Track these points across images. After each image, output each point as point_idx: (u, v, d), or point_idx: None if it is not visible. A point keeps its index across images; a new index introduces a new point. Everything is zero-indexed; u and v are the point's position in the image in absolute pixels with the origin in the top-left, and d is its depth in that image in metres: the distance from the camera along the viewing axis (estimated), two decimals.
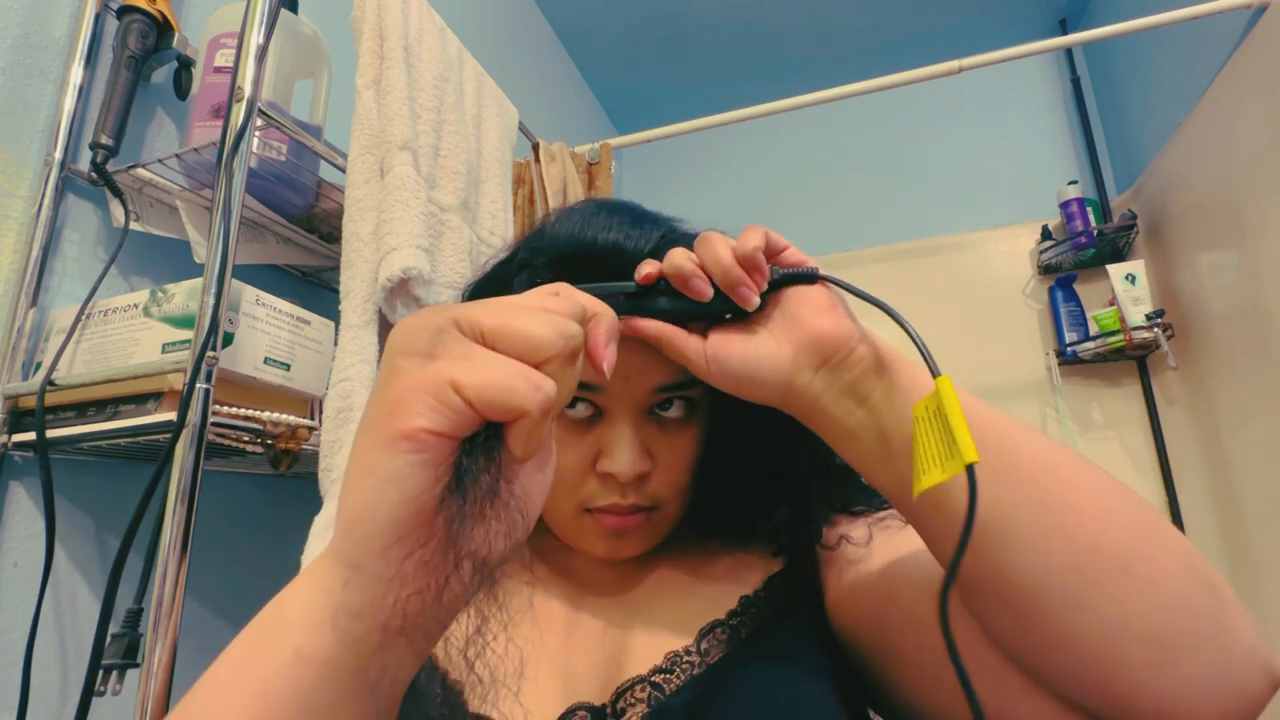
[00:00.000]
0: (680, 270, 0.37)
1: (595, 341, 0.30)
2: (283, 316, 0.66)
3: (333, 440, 0.63)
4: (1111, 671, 0.29)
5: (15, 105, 0.66)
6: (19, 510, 0.63)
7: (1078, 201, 1.70)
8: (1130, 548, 0.29)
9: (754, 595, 0.46)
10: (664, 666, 0.42)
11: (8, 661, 0.60)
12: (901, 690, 0.43)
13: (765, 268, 0.37)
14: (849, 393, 0.36)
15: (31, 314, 0.65)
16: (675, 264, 0.37)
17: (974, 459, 0.27)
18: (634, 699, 0.41)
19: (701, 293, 0.37)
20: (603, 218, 0.46)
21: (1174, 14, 1.18)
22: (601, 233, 0.44)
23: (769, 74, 2.14)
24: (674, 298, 0.38)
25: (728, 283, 0.36)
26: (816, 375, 0.36)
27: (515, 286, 0.45)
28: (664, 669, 0.42)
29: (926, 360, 0.32)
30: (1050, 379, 1.71)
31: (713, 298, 0.37)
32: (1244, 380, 1.28)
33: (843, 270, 2.16)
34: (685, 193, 2.24)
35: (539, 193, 1.20)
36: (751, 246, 0.36)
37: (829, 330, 0.36)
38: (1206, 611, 0.29)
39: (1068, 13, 1.92)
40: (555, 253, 0.45)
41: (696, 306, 0.38)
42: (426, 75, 0.81)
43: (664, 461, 0.44)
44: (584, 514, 0.44)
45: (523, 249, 0.48)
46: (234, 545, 0.83)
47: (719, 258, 0.36)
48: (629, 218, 0.46)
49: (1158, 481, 1.59)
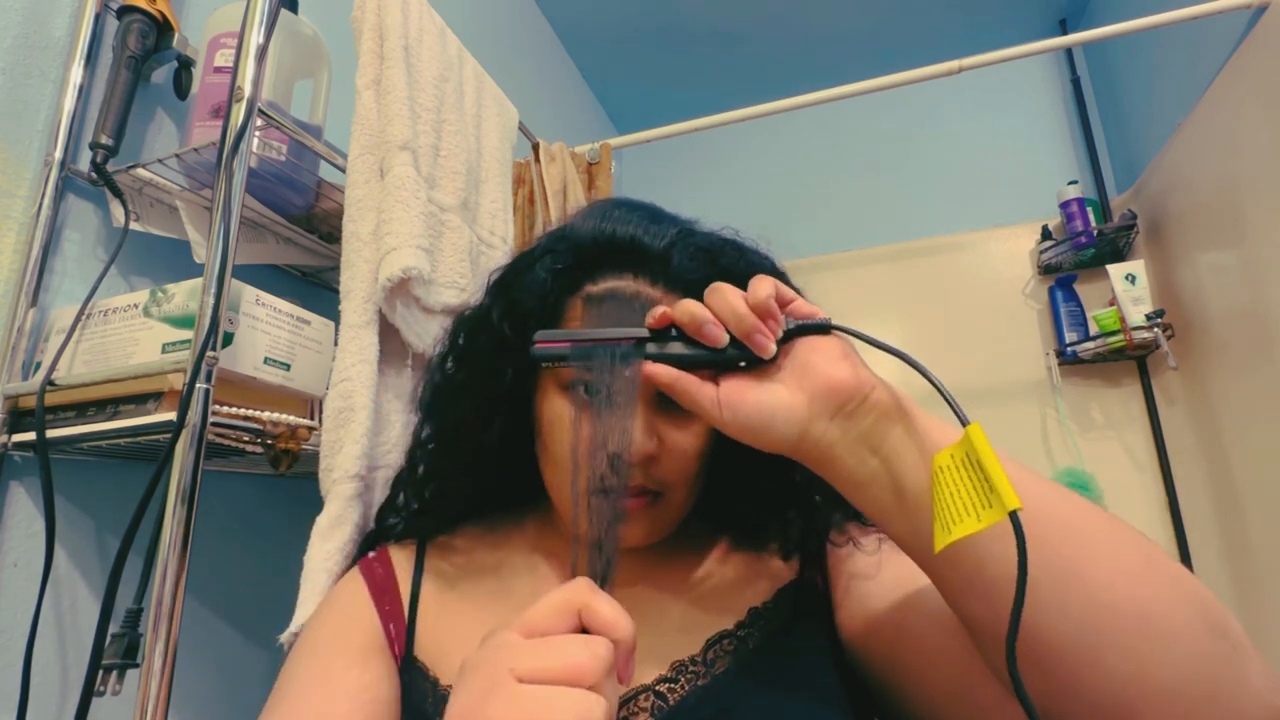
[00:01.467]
0: (695, 317, 0.37)
1: (621, 669, 0.32)
2: (283, 316, 0.66)
3: (333, 440, 0.63)
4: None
5: (15, 105, 0.66)
6: (19, 510, 0.63)
7: (1078, 201, 1.70)
8: (1146, 602, 0.29)
9: (763, 607, 0.47)
10: (669, 676, 0.43)
11: (8, 661, 0.60)
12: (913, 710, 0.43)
13: (780, 315, 0.37)
14: (862, 442, 0.35)
15: (31, 314, 0.65)
16: (689, 311, 0.37)
17: (1017, 505, 0.26)
18: (638, 707, 0.42)
19: (717, 339, 0.37)
20: (622, 213, 0.48)
21: (1174, 14, 1.17)
22: (621, 226, 0.47)
23: (769, 74, 2.14)
24: (688, 343, 0.38)
25: (743, 330, 0.36)
26: (831, 424, 0.36)
27: (538, 271, 0.47)
28: (669, 678, 0.43)
29: (954, 408, 0.31)
30: (1050, 379, 1.71)
31: (727, 345, 0.37)
32: (1244, 380, 1.28)
33: (843, 270, 2.16)
34: (685, 193, 2.24)
35: (539, 193, 1.20)
36: (765, 295, 0.36)
37: (843, 379, 0.35)
38: (1221, 660, 0.29)
39: (1068, 13, 1.92)
40: (578, 243, 0.48)
41: (711, 354, 0.37)
42: (426, 75, 0.81)
43: (671, 447, 0.44)
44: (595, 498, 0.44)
45: (546, 240, 0.50)
46: (234, 545, 0.83)
47: (733, 306, 0.36)
48: (647, 214, 0.49)
49: (1158, 481, 1.59)
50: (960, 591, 0.34)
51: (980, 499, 0.28)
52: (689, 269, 0.46)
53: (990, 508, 0.27)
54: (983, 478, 0.28)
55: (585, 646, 0.29)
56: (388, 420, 0.69)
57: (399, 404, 0.71)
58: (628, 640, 0.31)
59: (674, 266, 0.46)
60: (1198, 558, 1.50)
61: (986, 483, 0.27)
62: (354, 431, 0.63)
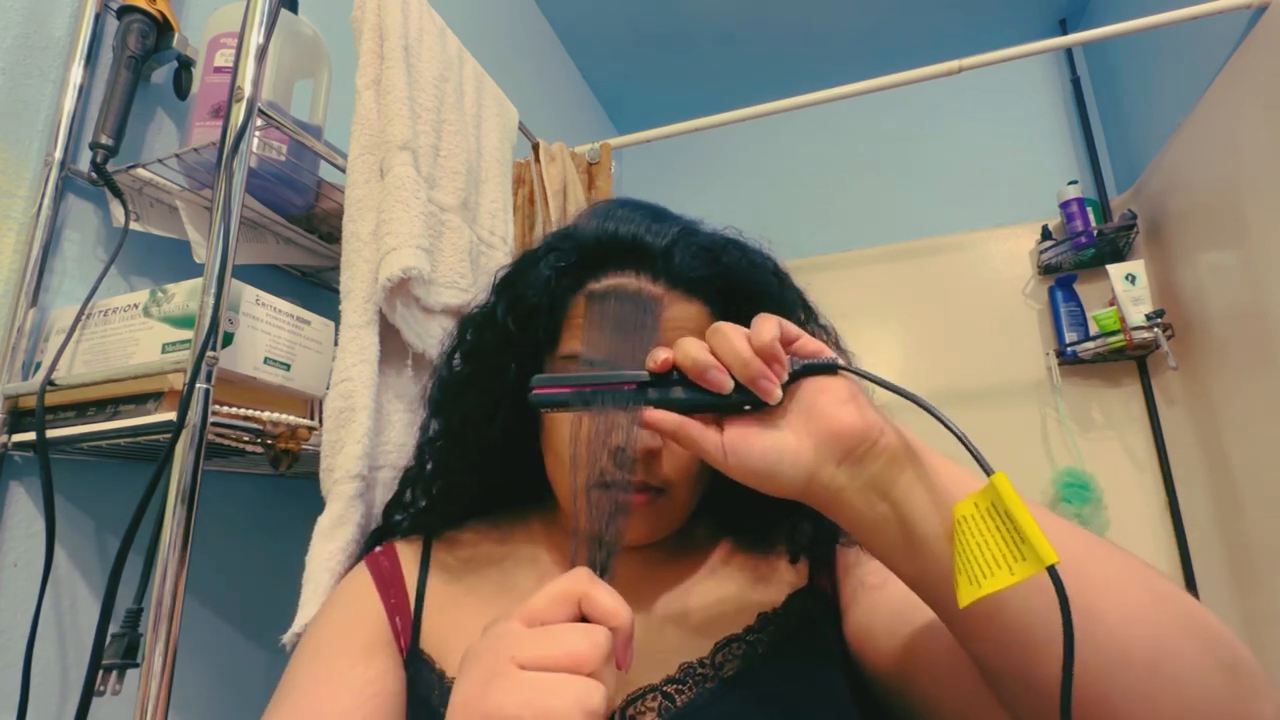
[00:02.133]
0: (696, 362, 0.36)
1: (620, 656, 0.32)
2: (283, 316, 0.66)
3: (334, 440, 0.63)
4: None
5: (15, 105, 0.66)
6: (19, 510, 0.63)
7: (1078, 201, 1.70)
8: (1156, 645, 0.29)
9: (773, 613, 0.47)
10: (677, 677, 0.43)
11: (8, 661, 0.60)
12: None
13: (785, 358, 0.36)
14: (871, 487, 0.35)
15: (31, 314, 0.65)
16: (691, 355, 0.36)
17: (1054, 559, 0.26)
18: (645, 707, 0.42)
19: (721, 385, 0.35)
20: (625, 212, 0.50)
21: (1174, 14, 1.17)
22: (624, 225, 0.48)
23: (769, 74, 2.14)
24: (689, 388, 0.37)
25: (748, 375, 0.35)
26: (839, 470, 0.35)
27: (542, 269, 0.48)
28: (677, 679, 0.43)
29: (977, 458, 0.31)
30: (1050, 379, 1.71)
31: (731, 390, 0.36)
32: (1244, 380, 1.28)
33: (843, 270, 2.15)
34: (686, 193, 2.24)
35: (539, 193, 1.20)
36: (769, 337, 0.35)
37: (851, 423, 0.34)
38: (1231, 698, 0.29)
39: (1068, 13, 1.92)
40: (581, 241, 0.49)
41: (715, 398, 0.36)
42: (426, 75, 0.81)
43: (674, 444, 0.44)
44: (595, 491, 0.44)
45: (551, 239, 0.52)
46: (234, 545, 0.83)
47: (737, 350, 0.35)
48: (650, 213, 0.50)
49: (1158, 481, 1.59)
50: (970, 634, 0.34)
51: (1011, 551, 0.27)
52: (690, 267, 0.47)
53: (1023, 560, 0.26)
54: (1012, 529, 0.27)
55: (585, 635, 0.30)
56: (388, 420, 0.69)
57: (399, 404, 0.71)
58: (626, 628, 0.32)
59: (676, 264, 0.47)
60: (1198, 558, 1.50)
61: (1017, 534, 0.27)
62: (355, 431, 0.63)
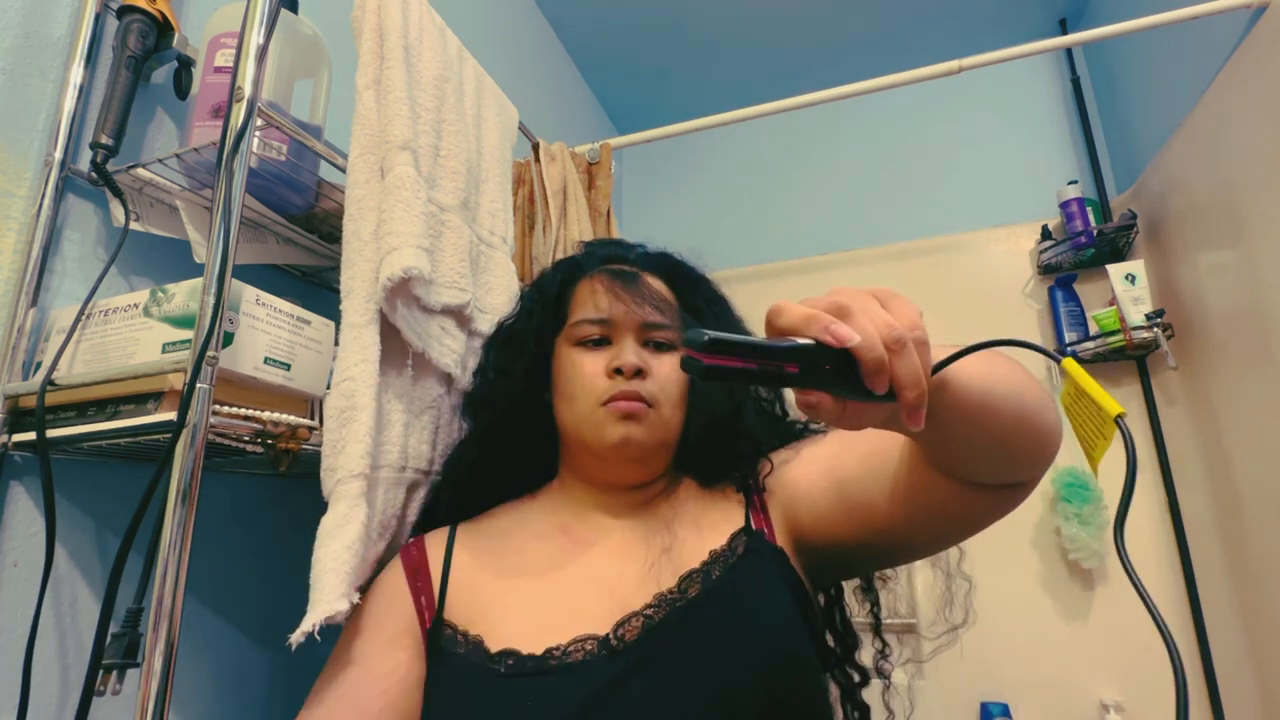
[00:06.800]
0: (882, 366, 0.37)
1: None
2: (283, 316, 0.66)
3: (336, 440, 0.63)
4: (1030, 466, 0.50)
5: (15, 105, 0.66)
6: (19, 510, 0.63)
7: (1078, 201, 1.70)
8: (1040, 397, 0.48)
9: (720, 549, 0.61)
10: (654, 604, 0.57)
11: (8, 661, 0.60)
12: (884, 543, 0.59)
13: None
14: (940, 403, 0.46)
15: (31, 314, 0.65)
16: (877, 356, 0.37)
17: (1119, 410, 0.39)
18: (632, 627, 0.56)
19: (884, 389, 0.37)
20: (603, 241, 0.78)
21: (1174, 14, 1.18)
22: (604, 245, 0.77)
23: (769, 74, 2.14)
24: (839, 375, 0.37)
25: (912, 400, 0.37)
26: None
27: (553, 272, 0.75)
28: (654, 605, 0.57)
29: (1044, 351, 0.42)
30: (1050, 379, 1.71)
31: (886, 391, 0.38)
32: (1244, 380, 1.28)
33: (843, 270, 2.15)
34: (685, 193, 2.24)
35: (539, 193, 1.20)
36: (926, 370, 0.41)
37: None
38: (1058, 419, 0.49)
39: (1068, 13, 1.92)
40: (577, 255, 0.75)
41: (866, 395, 0.37)
42: (426, 75, 0.81)
43: (656, 371, 0.63)
44: (601, 408, 0.62)
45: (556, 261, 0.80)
46: (234, 545, 0.83)
47: (918, 376, 0.37)
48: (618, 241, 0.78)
49: (1158, 481, 1.59)
50: (943, 422, 0.44)
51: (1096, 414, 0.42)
52: (652, 258, 0.74)
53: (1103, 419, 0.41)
54: (1089, 399, 0.42)
55: None
56: (389, 420, 0.69)
57: (400, 404, 0.71)
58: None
59: (642, 256, 0.74)
60: (1198, 557, 1.50)
61: (1093, 403, 0.41)
62: (357, 430, 0.63)
